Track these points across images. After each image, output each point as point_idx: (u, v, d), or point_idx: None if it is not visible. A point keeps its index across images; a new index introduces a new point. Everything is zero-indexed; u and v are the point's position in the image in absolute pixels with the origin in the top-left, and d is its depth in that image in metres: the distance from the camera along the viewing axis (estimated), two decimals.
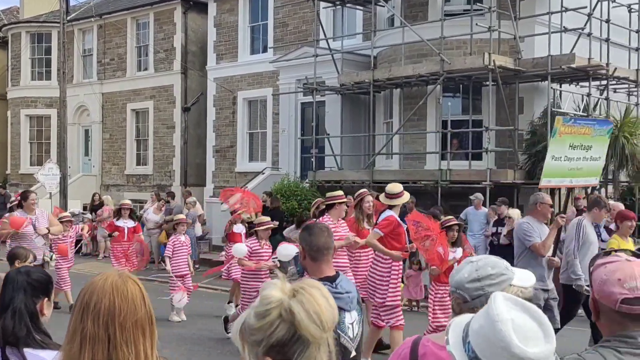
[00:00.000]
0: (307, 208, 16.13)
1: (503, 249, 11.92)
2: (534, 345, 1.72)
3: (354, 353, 3.59)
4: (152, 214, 19.01)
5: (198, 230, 18.15)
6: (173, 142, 25.40)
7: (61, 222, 11.66)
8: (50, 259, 10.11)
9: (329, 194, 9.42)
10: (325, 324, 1.67)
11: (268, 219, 10.33)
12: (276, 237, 16.79)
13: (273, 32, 22.28)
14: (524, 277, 2.41)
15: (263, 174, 21.20)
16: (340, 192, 9.44)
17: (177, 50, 25.11)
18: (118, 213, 13.64)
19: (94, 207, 21.10)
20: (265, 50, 22.58)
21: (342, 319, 3.50)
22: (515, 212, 12.14)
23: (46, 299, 2.97)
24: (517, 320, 1.75)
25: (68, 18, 23.45)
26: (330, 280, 3.57)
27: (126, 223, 13.29)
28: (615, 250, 2.39)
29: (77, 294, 1.95)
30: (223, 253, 17.00)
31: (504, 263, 2.43)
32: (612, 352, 2.20)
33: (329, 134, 19.13)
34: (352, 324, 3.58)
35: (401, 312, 8.37)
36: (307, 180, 18.91)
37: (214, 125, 24.11)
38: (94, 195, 22.66)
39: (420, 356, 2.49)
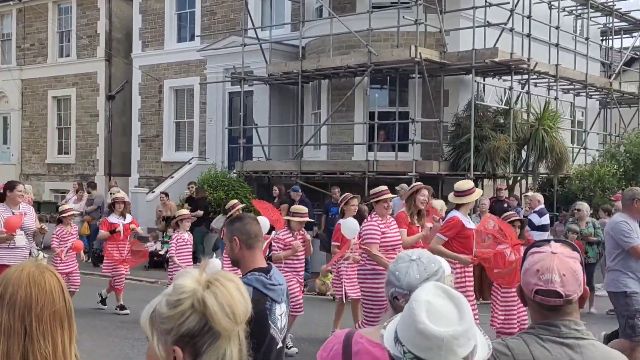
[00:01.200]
0: (232, 198, 16.03)
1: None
2: (444, 325, 1.77)
3: (280, 344, 3.62)
4: (72, 204, 18.50)
5: None
6: (97, 131, 24.78)
7: (64, 218, 10.87)
8: (38, 257, 8.83)
9: (373, 190, 8.41)
10: (238, 317, 1.66)
11: (305, 209, 9.52)
12: (201, 228, 16.71)
13: (200, 21, 21.99)
14: (447, 267, 2.49)
15: (190, 164, 20.95)
16: (384, 187, 8.46)
17: (101, 36, 24.48)
18: (111, 208, 12.04)
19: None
20: (192, 38, 22.26)
21: (274, 311, 3.54)
22: (438, 203, 12.33)
23: None
24: (434, 303, 1.80)
25: None
26: (265, 271, 3.60)
27: (120, 219, 11.73)
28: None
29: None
30: (149, 244, 16.75)
31: (436, 256, 2.48)
32: (535, 339, 2.26)
33: (256, 124, 19.05)
34: (281, 315, 3.62)
35: None
36: (234, 171, 18.79)
37: (139, 114, 23.65)
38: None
39: (354, 353, 2.49)
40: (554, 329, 2.25)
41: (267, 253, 11.97)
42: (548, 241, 2.37)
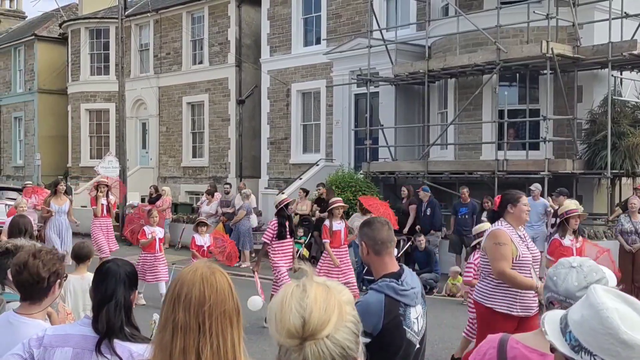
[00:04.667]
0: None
1: None
2: (639, 332, 1.74)
3: (418, 346, 3.63)
4: (205, 206, 19.36)
5: (254, 221, 18.36)
6: (228, 135, 25.70)
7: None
8: None
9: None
10: (282, 330, 1.66)
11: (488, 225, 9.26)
12: None
13: (326, 24, 22.30)
14: (611, 277, 2.43)
15: (317, 165, 21.29)
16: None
17: (232, 43, 25.37)
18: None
19: (152, 199, 21.54)
20: (318, 42, 22.62)
21: (408, 315, 3.53)
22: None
23: (136, 291, 3.11)
24: (620, 310, 1.77)
25: (125, 14, 23.89)
26: (396, 276, 3.59)
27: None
28: None
29: None
30: None
31: (599, 265, 2.43)
32: None
33: (382, 125, 19.10)
34: (417, 318, 3.61)
35: None
36: (361, 172, 18.92)
37: (268, 117, 24.29)
38: (150, 187, 23.11)
39: (510, 359, 2.48)
40: None
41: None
42: None
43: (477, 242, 7.30)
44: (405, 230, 14.88)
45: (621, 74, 16.70)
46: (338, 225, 10.87)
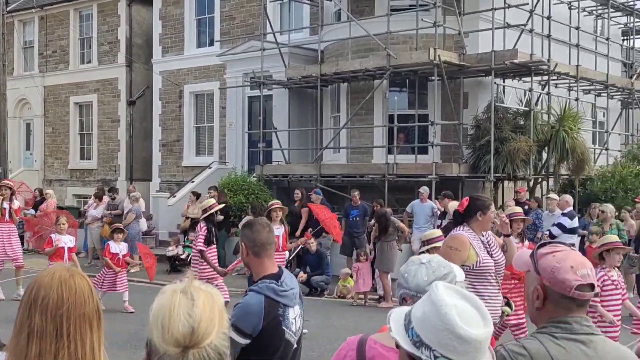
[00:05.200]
0: (253, 202, 16.11)
1: None
2: (475, 327, 1.80)
3: (295, 346, 3.67)
4: (92, 210, 18.66)
5: (143, 225, 17.91)
6: (118, 136, 25.00)
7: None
8: None
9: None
10: (170, 338, 1.68)
11: (438, 232, 8.18)
12: (222, 232, 16.79)
13: (220, 26, 22.12)
14: (460, 273, 2.53)
15: (210, 168, 21.07)
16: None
17: (122, 42, 24.70)
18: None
19: (36, 202, 20.64)
20: (212, 43, 22.39)
21: (287, 315, 3.58)
22: (452, 205, 12.31)
23: None
24: (459, 306, 1.83)
25: (7, 9, 22.81)
26: (275, 277, 3.62)
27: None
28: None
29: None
30: (171, 248, 16.83)
31: (447, 261, 2.51)
32: (549, 338, 2.29)
33: (276, 128, 19.13)
34: (295, 318, 3.66)
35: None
36: (254, 175, 18.87)
37: (160, 119, 23.83)
38: (35, 190, 22.13)
39: (369, 359, 2.52)
40: (566, 326, 2.29)
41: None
42: (546, 243, 2.42)
43: (426, 248, 7.15)
44: (298, 233, 14.94)
45: (504, 82, 17.44)
46: (277, 230, 10.29)
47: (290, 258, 13.91)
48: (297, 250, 14.36)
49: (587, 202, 16.17)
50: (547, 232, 12.87)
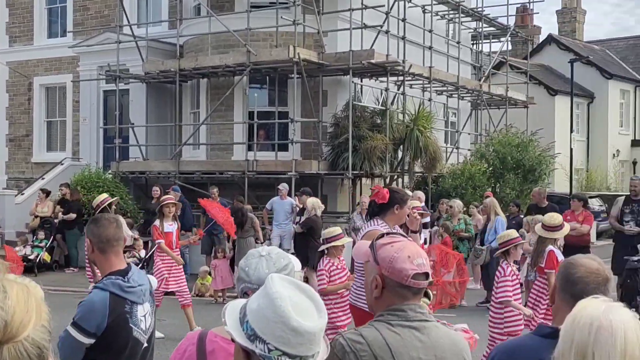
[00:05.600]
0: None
1: (300, 237, 12.32)
2: (309, 319, 1.80)
3: (146, 344, 3.56)
4: None
5: None
6: None
7: None
8: None
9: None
10: None
11: (339, 230, 7.52)
12: (74, 231, 16.12)
13: (73, 16, 21.18)
14: (297, 263, 2.55)
15: (62, 164, 20.12)
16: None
17: None
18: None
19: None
20: (64, 34, 21.40)
21: (135, 313, 3.47)
22: (310, 201, 12.47)
23: None
24: (293, 298, 1.82)
25: None
26: (122, 273, 3.51)
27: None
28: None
29: None
30: (18, 249, 15.91)
31: (286, 253, 2.52)
32: (385, 325, 2.35)
33: (133, 124, 18.56)
34: (144, 315, 3.56)
35: None
36: (110, 171, 18.21)
37: (7, 112, 22.50)
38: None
39: (209, 352, 2.48)
40: (401, 314, 2.36)
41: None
42: (384, 234, 2.48)
43: (325, 247, 6.95)
44: None
45: (361, 81, 17.85)
46: (170, 226, 9.75)
47: (147, 257, 13.53)
48: (154, 248, 13.98)
49: (439, 198, 16.88)
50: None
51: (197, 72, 17.38)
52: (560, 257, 7.13)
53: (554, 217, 7.61)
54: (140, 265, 12.88)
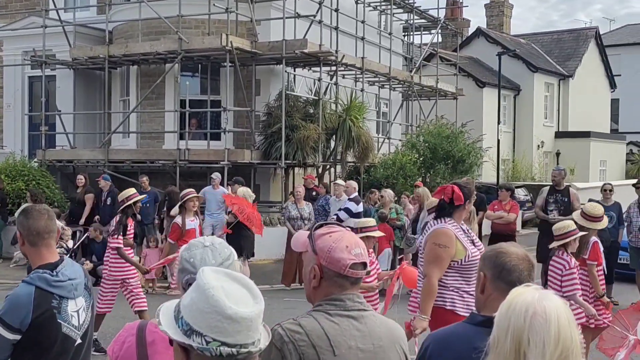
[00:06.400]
0: (33, 188, 15.12)
1: (235, 227, 12.20)
2: (244, 306, 1.79)
3: (79, 341, 3.46)
4: None
5: None
6: None
7: None
8: None
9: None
10: None
11: (372, 221, 7.47)
12: None
13: None
14: (234, 252, 2.54)
15: None
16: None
17: None
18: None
19: None
20: None
21: (64, 308, 3.37)
22: (241, 191, 12.40)
23: None
24: (226, 287, 1.82)
25: None
26: (51, 267, 3.40)
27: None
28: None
29: None
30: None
31: (224, 242, 2.51)
32: (324, 315, 2.37)
33: (60, 111, 18.07)
34: (77, 311, 3.45)
35: None
36: (35, 160, 17.69)
37: None
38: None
39: (149, 343, 2.47)
40: (339, 303, 2.38)
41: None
42: (323, 224, 2.50)
43: (360, 236, 6.44)
44: (82, 221, 14.23)
45: (294, 71, 17.85)
46: (192, 222, 9.38)
47: (75, 247, 13.24)
48: (82, 238, 13.69)
49: (370, 187, 17.06)
50: (335, 217, 13.37)
51: (127, 58, 17.03)
52: (602, 249, 6.95)
53: (597, 208, 7.14)
54: (69, 255, 12.56)
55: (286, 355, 2.27)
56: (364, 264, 2.41)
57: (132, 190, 8.68)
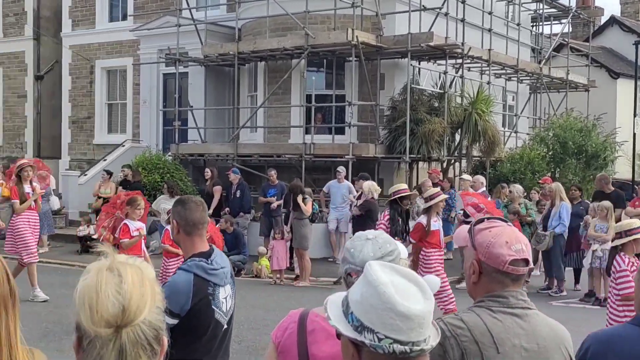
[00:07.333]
0: (168, 181, 15.84)
1: (358, 220, 12.29)
2: (415, 302, 1.76)
3: (226, 326, 3.60)
4: None
5: (54, 203, 17.26)
6: (25, 112, 24.00)
7: None
8: None
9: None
10: (99, 320, 1.54)
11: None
12: None
13: (133, 0, 21.50)
14: (404, 250, 2.54)
15: (123, 146, 20.54)
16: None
17: (29, 14, 23.63)
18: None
19: None
20: (125, 18, 21.75)
21: (217, 295, 3.51)
22: (367, 185, 12.44)
23: None
24: (396, 283, 1.78)
25: None
26: (205, 255, 3.55)
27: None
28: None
29: None
30: (81, 228, 16.31)
31: (392, 238, 2.52)
32: (486, 311, 2.33)
33: (192, 106, 18.80)
34: (226, 298, 3.60)
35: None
36: (169, 154, 18.52)
37: (69, 95, 23.02)
38: None
39: (309, 332, 2.51)
40: (503, 300, 2.34)
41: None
42: (484, 219, 2.45)
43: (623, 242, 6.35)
44: (210, 212, 14.76)
45: (419, 64, 17.69)
46: (436, 223, 9.53)
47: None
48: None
49: (497, 183, 16.67)
50: (461, 212, 13.16)
51: (255, 55, 17.47)
52: None
53: None
54: None
55: (448, 350, 2.25)
56: (526, 261, 2.35)
57: (404, 185, 9.79)
